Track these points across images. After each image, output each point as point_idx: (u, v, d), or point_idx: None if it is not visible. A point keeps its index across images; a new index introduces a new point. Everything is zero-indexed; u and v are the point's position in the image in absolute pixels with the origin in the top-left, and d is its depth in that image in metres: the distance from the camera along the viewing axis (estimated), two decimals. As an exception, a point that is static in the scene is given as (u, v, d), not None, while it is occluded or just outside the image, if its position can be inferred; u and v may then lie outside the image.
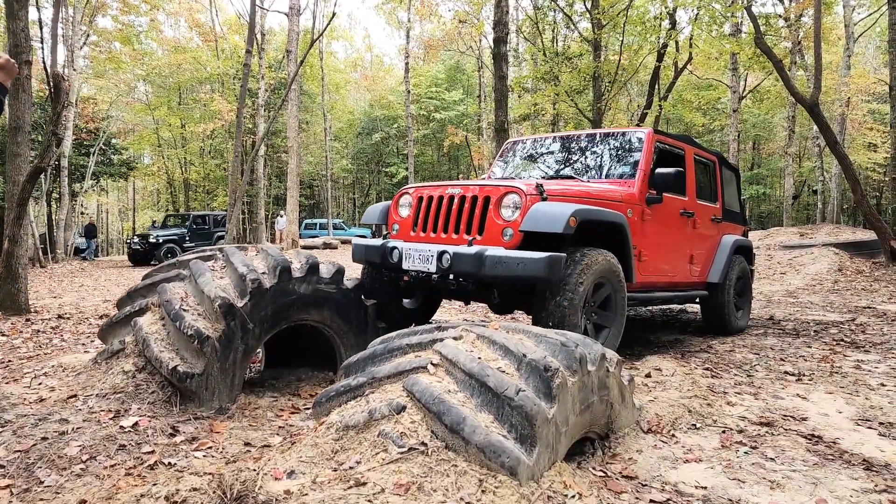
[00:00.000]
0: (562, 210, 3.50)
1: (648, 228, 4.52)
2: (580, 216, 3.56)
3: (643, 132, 4.77)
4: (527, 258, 3.35)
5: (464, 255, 3.52)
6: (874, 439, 2.97)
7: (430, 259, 3.73)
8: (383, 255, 4.04)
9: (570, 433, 2.41)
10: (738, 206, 6.35)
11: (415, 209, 4.15)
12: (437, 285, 3.90)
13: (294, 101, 20.66)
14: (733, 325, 5.74)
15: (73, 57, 19.62)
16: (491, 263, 3.43)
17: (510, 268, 3.38)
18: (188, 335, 3.06)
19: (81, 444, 2.60)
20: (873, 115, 27.95)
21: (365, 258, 4.21)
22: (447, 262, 3.62)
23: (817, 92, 11.98)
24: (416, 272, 3.87)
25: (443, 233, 3.92)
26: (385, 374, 2.57)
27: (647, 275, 4.56)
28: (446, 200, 3.93)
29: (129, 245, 18.95)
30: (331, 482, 2.07)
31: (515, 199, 3.64)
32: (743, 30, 21.31)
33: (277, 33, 35.02)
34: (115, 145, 27.40)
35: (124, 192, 43.03)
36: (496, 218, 3.68)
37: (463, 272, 3.56)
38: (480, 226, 3.73)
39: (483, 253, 3.46)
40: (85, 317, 6.67)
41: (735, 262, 5.76)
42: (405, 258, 3.91)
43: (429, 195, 4.06)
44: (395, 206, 4.34)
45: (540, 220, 3.49)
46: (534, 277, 3.37)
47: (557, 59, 16.96)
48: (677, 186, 4.82)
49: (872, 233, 13.38)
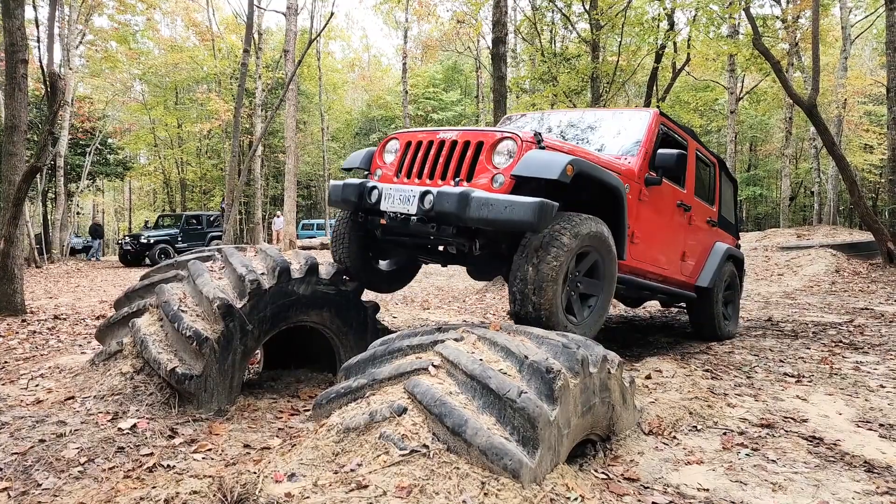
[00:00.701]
0: (559, 157, 3.25)
1: (644, 211, 4.32)
2: (577, 166, 3.30)
3: (648, 112, 4.59)
4: (516, 201, 3.08)
5: (448, 193, 3.24)
6: (875, 441, 2.97)
7: (412, 199, 3.44)
8: (361, 194, 3.71)
9: (571, 435, 2.40)
10: (734, 218, 6.26)
11: (401, 154, 3.83)
12: (415, 231, 3.58)
13: (291, 101, 20.62)
14: (722, 331, 5.64)
15: (70, 56, 19.55)
16: (477, 205, 3.16)
17: (497, 210, 3.10)
18: (187, 336, 3.04)
19: (79, 446, 2.58)
20: (869, 117, 28.05)
21: (342, 196, 3.83)
22: (429, 203, 3.32)
23: (815, 93, 12.00)
24: (395, 214, 3.55)
25: (428, 178, 3.60)
26: (386, 375, 2.56)
27: (638, 260, 4.35)
28: (436, 144, 3.63)
29: (121, 245, 18.83)
30: (332, 485, 2.06)
31: (510, 144, 3.40)
32: (740, 31, 21.35)
33: (275, 33, 34.95)
34: (112, 145, 27.30)
35: (120, 192, 42.90)
36: (488, 164, 3.42)
37: (445, 213, 3.25)
38: (470, 171, 3.45)
39: (469, 193, 3.20)
40: (81, 317, 6.64)
41: (726, 269, 5.65)
42: (384, 198, 3.59)
43: (417, 140, 3.76)
44: (380, 150, 4.00)
45: (534, 165, 3.23)
46: (522, 223, 3.08)
47: (556, 60, 16.97)
48: (678, 172, 4.65)
49: (869, 234, 13.40)
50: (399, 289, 4.84)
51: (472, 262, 3.90)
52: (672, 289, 5.02)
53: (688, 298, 5.41)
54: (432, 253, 4.02)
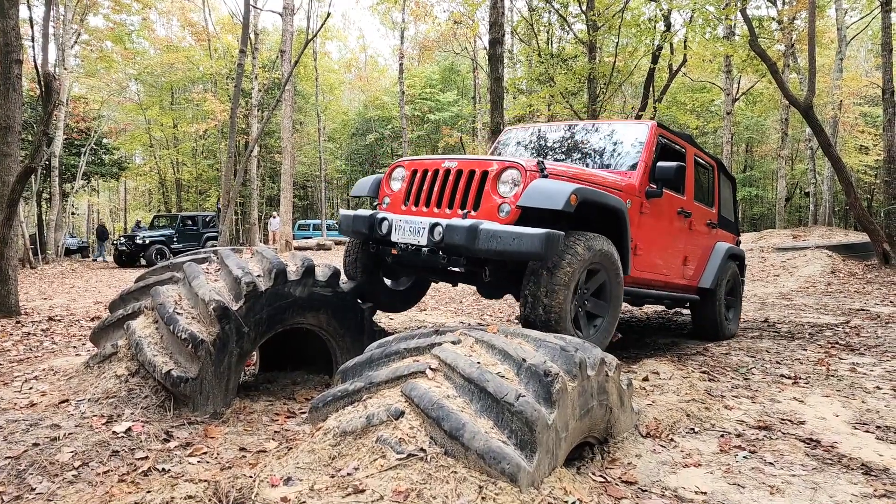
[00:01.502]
0: (563, 187, 3.37)
1: (646, 222, 4.43)
2: (581, 195, 3.42)
3: (647, 124, 4.67)
4: (523, 233, 3.20)
5: (457, 227, 3.35)
6: (872, 443, 2.97)
7: (422, 231, 3.56)
8: (371, 226, 3.84)
9: (569, 438, 2.39)
10: (733, 216, 6.32)
11: (408, 182, 3.94)
12: (425, 260, 3.71)
13: (288, 102, 20.57)
14: (724, 330, 5.72)
15: (64, 56, 19.47)
16: (485, 237, 3.27)
17: (505, 242, 3.22)
18: (182, 339, 3.02)
19: (74, 449, 2.56)
20: (865, 118, 28.15)
21: (352, 228, 3.97)
22: (439, 235, 3.44)
23: (811, 94, 12.04)
24: (406, 245, 3.68)
25: (436, 207, 3.72)
26: (383, 378, 2.55)
27: (642, 270, 4.47)
28: (441, 174, 3.74)
29: (116, 246, 18.70)
30: (328, 489, 2.04)
31: (515, 174, 3.49)
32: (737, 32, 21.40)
33: (271, 33, 34.90)
34: (107, 145, 27.20)
35: (116, 192, 42.75)
36: (493, 193, 3.52)
37: (455, 245, 3.37)
38: (476, 201, 3.56)
39: (478, 226, 3.30)
40: (76, 319, 6.61)
41: (727, 269, 5.72)
42: (395, 230, 3.72)
43: (423, 168, 3.87)
44: (387, 178, 4.14)
45: (540, 196, 3.34)
46: (530, 254, 3.20)
47: (552, 61, 16.99)
48: (677, 182, 4.75)
49: (865, 235, 13.45)
50: (411, 307, 4.95)
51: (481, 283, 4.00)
52: (675, 294, 5.11)
53: (691, 300, 5.47)
54: (443, 274, 4.11)
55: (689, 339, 5.83)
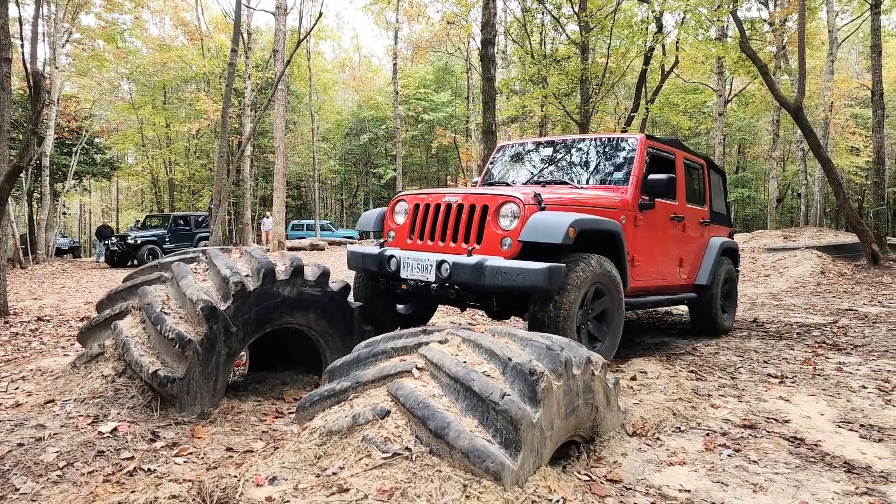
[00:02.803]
0: (561, 220, 3.53)
1: (641, 234, 4.57)
2: (579, 227, 3.59)
3: (636, 138, 4.79)
4: (527, 269, 3.38)
5: (463, 265, 3.55)
6: (855, 441, 2.99)
7: (429, 268, 3.75)
8: (380, 264, 4.03)
9: (555, 437, 2.40)
10: (724, 208, 6.42)
11: (411, 216, 4.15)
12: (435, 294, 3.91)
13: (281, 102, 20.52)
14: (721, 325, 5.82)
15: (56, 55, 19.35)
16: (491, 274, 3.45)
17: (510, 278, 3.41)
18: (169, 339, 3.01)
19: (59, 450, 2.55)
20: (856, 120, 28.36)
21: (362, 266, 4.20)
22: (446, 272, 3.64)
23: (801, 96, 12.13)
24: (415, 281, 3.88)
25: (440, 241, 3.92)
26: (369, 378, 2.55)
27: (640, 279, 4.61)
28: (443, 208, 3.94)
29: (108, 246, 18.53)
30: (313, 488, 2.05)
31: (514, 208, 3.67)
32: (729, 34, 21.53)
33: (264, 33, 34.80)
34: (98, 144, 27.05)
35: (107, 192, 42.54)
36: (494, 227, 3.70)
37: (462, 282, 3.58)
38: (479, 235, 3.75)
39: (483, 263, 3.49)
40: (65, 319, 6.57)
41: (722, 264, 5.82)
42: (403, 267, 3.91)
43: (425, 203, 4.07)
44: (390, 212, 4.35)
45: (539, 231, 3.52)
46: (534, 288, 3.41)
47: (545, 62, 17.02)
48: (669, 192, 4.87)
49: (854, 236, 13.56)
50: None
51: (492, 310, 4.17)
52: (673, 295, 5.24)
53: (688, 298, 5.56)
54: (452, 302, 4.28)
55: (678, 338, 5.86)
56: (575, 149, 5.14)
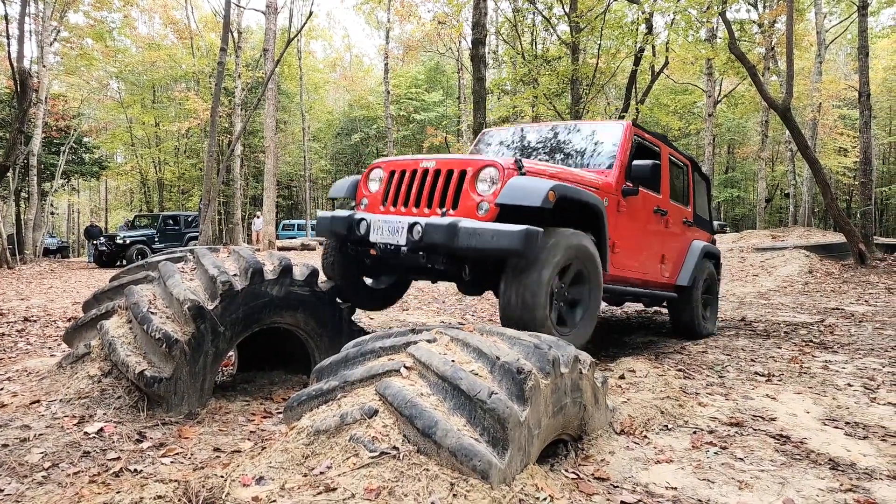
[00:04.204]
0: (541, 184, 3.38)
1: (623, 220, 4.47)
2: (559, 192, 3.44)
3: (622, 124, 4.75)
4: (502, 230, 3.20)
5: (436, 225, 3.35)
6: (840, 439, 3.02)
7: (401, 231, 3.54)
8: (350, 227, 3.80)
9: (542, 435, 2.41)
10: (708, 215, 6.39)
11: (385, 183, 3.93)
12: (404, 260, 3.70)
13: (271, 101, 20.45)
14: (701, 328, 5.76)
15: (43, 53, 19.16)
16: (465, 235, 3.27)
17: (485, 240, 3.23)
18: (156, 338, 2.99)
19: (44, 450, 2.53)
20: (844, 121, 28.64)
21: (330, 229, 3.94)
22: (418, 234, 3.43)
23: (789, 97, 12.23)
24: (385, 245, 3.66)
25: (414, 207, 3.71)
26: (357, 377, 2.55)
27: (620, 268, 4.49)
28: (419, 174, 3.73)
29: (96, 246, 18.36)
30: (300, 488, 2.04)
31: (493, 172, 3.50)
32: (718, 35, 21.68)
33: (255, 32, 34.68)
34: (87, 144, 26.82)
35: (96, 191, 42.19)
36: (472, 192, 3.52)
37: (434, 244, 3.37)
38: (455, 200, 3.56)
39: (457, 224, 3.30)
40: (52, 319, 6.51)
41: (704, 267, 5.79)
42: (373, 230, 3.69)
43: (401, 168, 3.86)
44: (365, 179, 4.12)
45: (518, 193, 3.36)
46: (509, 250, 3.22)
47: (536, 62, 17.06)
48: (653, 181, 4.79)
49: (842, 236, 13.69)
50: (391, 305, 4.95)
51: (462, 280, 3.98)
52: (654, 291, 5.16)
53: (669, 298, 5.53)
54: (423, 272, 4.10)
55: (667, 337, 5.89)
56: (560, 134, 5.07)
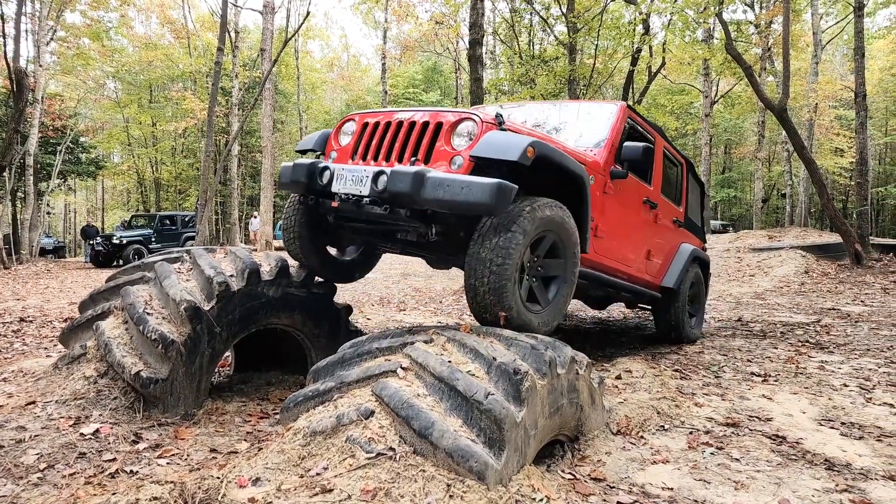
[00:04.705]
0: (520, 139, 3.11)
1: (609, 204, 4.21)
2: (539, 149, 3.14)
3: (616, 104, 4.54)
4: (473, 182, 2.92)
5: (402, 173, 3.06)
6: (836, 439, 3.03)
7: (364, 180, 3.27)
8: (311, 175, 3.52)
9: (539, 436, 2.41)
10: (700, 221, 6.22)
11: (357, 135, 3.66)
12: (366, 215, 3.43)
13: (269, 101, 20.39)
14: (687, 333, 5.53)
15: (40, 53, 19.10)
16: (432, 185, 2.99)
17: (453, 191, 2.94)
18: (152, 339, 2.99)
19: (39, 452, 2.53)
20: (840, 121, 28.71)
21: (291, 178, 3.64)
22: (383, 184, 3.15)
23: (785, 98, 12.26)
24: (347, 195, 3.38)
25: (385, 160, 3.42)
26: (354, 378, 2.55)
27: (602, 254, 4.23)
28: (393, 126, 3.46)
29: (93, 246, 18.29)
30: (296, 489, 2.04)
31: (471, 126, 3.25)
32: (715, 36, 21.70)
33: (252, 31, 34.59)
34: (84, 143, 26.74)
35: (93, 191, 42.07)
36: (447, 145, 3.26)
37: (399, 193, 3.08)
38: (428, 153, 3.29)
39: (425, 173, 3.03)
40: (49, 320, 6.49)
41: (691, 272, 5.59)
42: (336, 179, 3.41)
43: (375, 121, 3.59)
44: (336, 132, 3.83)
45: (494, 146, 3.09)
46: (479, 204, 2.91)
47: (533, 62, 17.07)
48: (644, 166, 4.48)
49: (838, 236, 13.72)
50: (357, 279, 4.62)
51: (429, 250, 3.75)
52: (637, 287, 4.88)
53: (652, 298, 5.30)
54: (388, 239, 3.85)
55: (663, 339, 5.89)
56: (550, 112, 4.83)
